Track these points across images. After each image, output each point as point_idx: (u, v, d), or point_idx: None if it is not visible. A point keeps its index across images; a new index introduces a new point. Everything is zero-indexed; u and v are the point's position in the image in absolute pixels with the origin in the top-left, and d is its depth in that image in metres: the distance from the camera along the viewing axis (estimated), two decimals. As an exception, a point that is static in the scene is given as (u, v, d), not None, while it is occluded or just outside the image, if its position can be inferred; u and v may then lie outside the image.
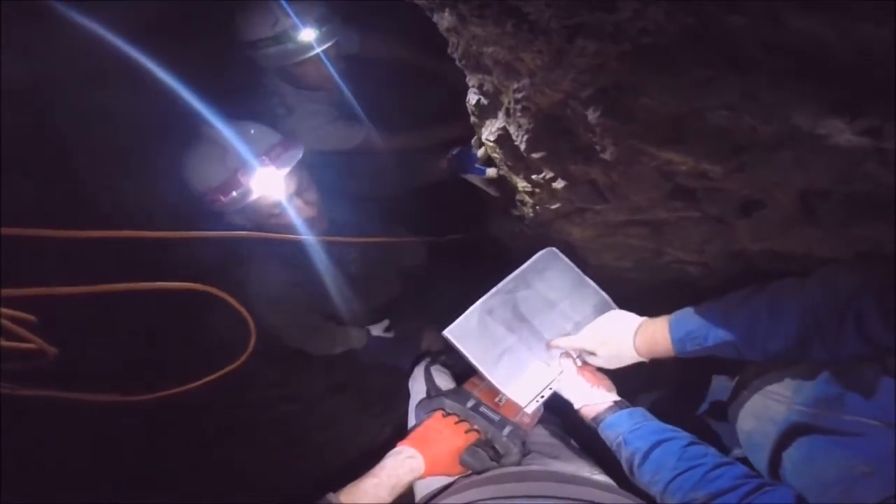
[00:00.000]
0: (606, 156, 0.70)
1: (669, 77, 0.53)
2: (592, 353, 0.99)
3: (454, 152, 1.35)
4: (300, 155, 1.40)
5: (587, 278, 1.09)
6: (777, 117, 0.52)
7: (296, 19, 1.31)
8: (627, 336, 0.92)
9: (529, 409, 1.01)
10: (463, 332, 1.03)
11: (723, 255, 0.84)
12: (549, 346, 1.05)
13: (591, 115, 0.66)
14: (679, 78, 0.53)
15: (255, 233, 1.24)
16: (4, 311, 0.73)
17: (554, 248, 1.09)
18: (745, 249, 0.79)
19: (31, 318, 0.74)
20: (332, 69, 1.42)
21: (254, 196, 1.34)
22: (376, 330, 1.71)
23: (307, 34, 1.33)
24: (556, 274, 1.10)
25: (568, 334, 1.05)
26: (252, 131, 1.34)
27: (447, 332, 1.02)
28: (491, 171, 1.21)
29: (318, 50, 1.35)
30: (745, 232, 0.74)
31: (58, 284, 0.79)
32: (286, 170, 1.37)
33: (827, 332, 0.68)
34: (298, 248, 1.39)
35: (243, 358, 1.13)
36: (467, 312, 1.05)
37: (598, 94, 0.63)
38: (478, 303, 1.06)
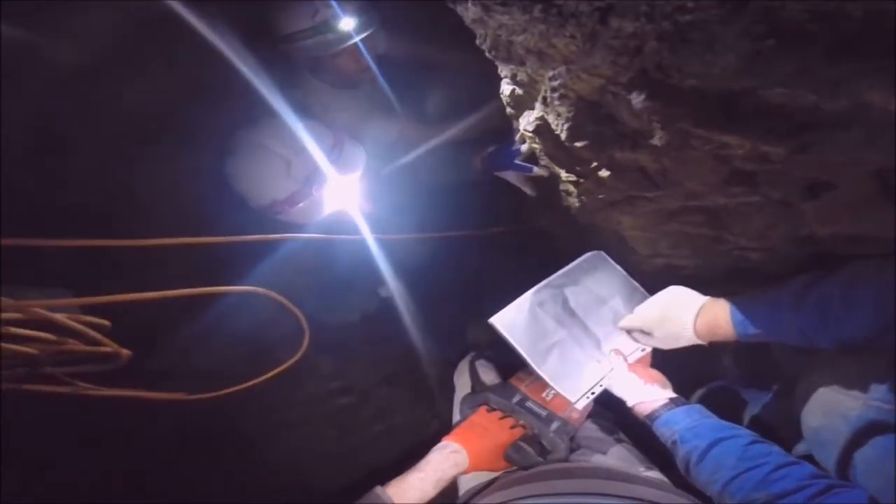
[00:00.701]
0: (655, 141, 0.66)
1: (713, 55, 0.49)
2: (648, 333, 0.95)
3: (489, 150, 1.32)
4: (363, 152, 1.37)
5: (634, 282, 1.06)
6: (842, 93, 0.46)
7: (336, 9, 1.31)
8: (689, 317, 0.87)
9: (580, 406, 0.99)
10: (511, 322, 1.01)
11: (789, 241, 0.77)
12: (618, 328, 1.02)
13: (635, 100, 0.62)
14: (724, 55, 0.49)
15: (297, 235, 1.24)
16: (83, 317, 0.80)
17: (601, 252, 1.06)
18: (815, 234, 0.72)
19: (106, 322, 0.81)
20: (369, 59, 1.41)
21: (327, 210, 1.34)
22: (384, 291, 1.72)
23: (346, 23, 1.33)
24: (604, 275, 1.07)
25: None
26: (308, 133, 1.28)
27: (494, 320, 1.00)
28: (539, 170, 1.18)
29: (357, 38, 1.34)
30: (813, 215, 0.68)
31: (124, 291, 0.86)
32: (357, 173, 1.35)
33: None
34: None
35: (298, 356, 1.18)
36: (517, 302, 1.02)
37: (640, 77, 0.59)
38: (528, 293, 1.03)
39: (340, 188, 1.38)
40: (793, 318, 0.74)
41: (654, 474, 0.93)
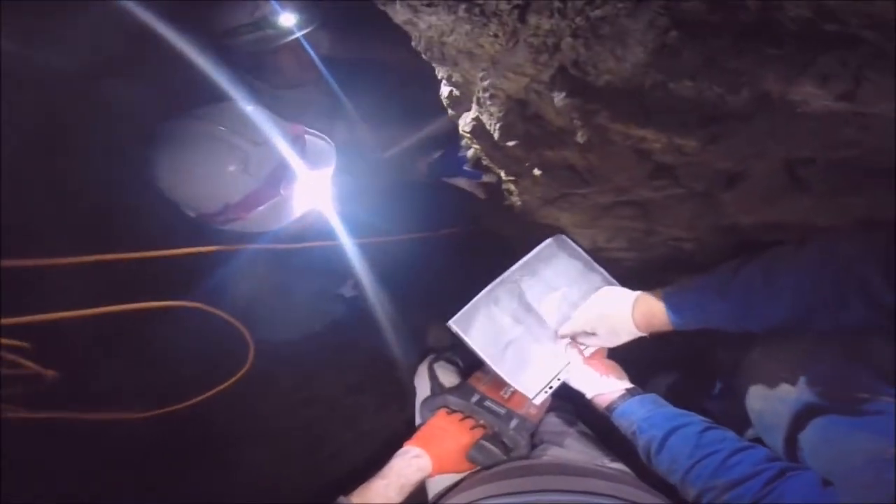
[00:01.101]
0: (579, 138, 0.67)
1: (624, 49, 0.50)
2: (592, 334, 0.97)
3: (436, 156, 1.32)
4: (332, 145, 1.21)
5: (596, 264, 1.05)
6: (745, 85, 0.48)
7: (276, 4, 1.29)
8: (625, 311, 0.90)
9: (538, 401, 1.00)
10: (468, 323, 1.01)
11: (715, 230, 0.80)
12: (557, 338, 1.03)
13: (557, 97, 0.63)
14: (634, 49, 0.50)
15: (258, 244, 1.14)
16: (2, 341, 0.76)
17: (563, 235, 1.06)
18: (738, 223, 0.75)
19: (24, 345, 0.76)
20: (312, 55, 1.38)
21: (298, 211, 1.15)
22: (347, 291, 1.66)
23: (287, 19, 1.31)
24: (563, 261, 1.07)
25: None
26: (265, 121, 1.07)
27: (452, 323, 1.01)
28: (486, 177, 1.18)
29: (299, 34, 1.32)
30: (732, 205, 0.71)
31: (54, 308, 0.82)
32: (329, 168, 1.19)
33: (830, 300, 0.65)
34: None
35: (243, 370, 1.15)
36: (472, 303, 1.03)
37: (560, 75, 0.60)
38: (482, 293, 1.04)
39: (311, 186, 1.17)
40: (720, 305, 0.76)
41: (619, 466, 0.94)
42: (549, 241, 1.07)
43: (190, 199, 1.11)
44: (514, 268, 1.06)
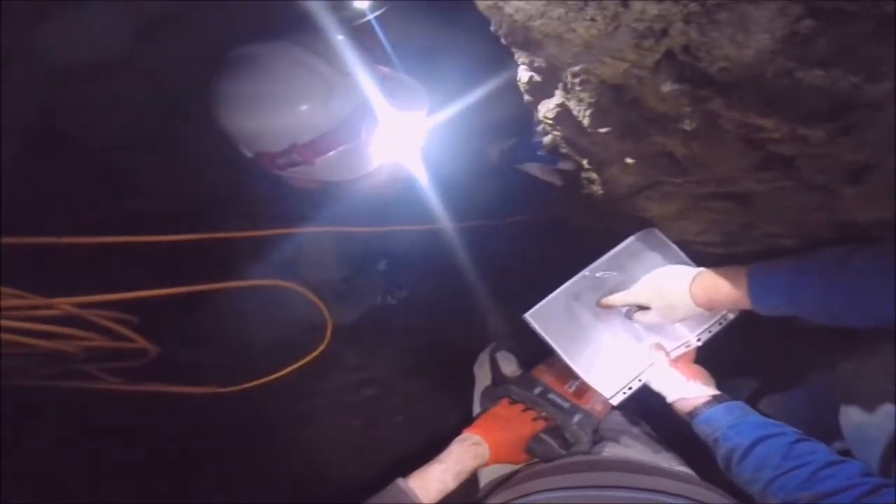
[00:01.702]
0: (684, 125, 0.63)
1: (745, 36, 0.46)
2: (646, 308, 0.94)
3: (510, 142, 1.28)
4: (424, 90, 1.05)
5: (691, 262, 0.99)
6: (885, 73, 0.43)
7: None
8: (683, 284, 0.86)
9: (615, 401, 0.96)
10: (545, 317, 0.98)
11: (824, 226, 0.74)
12: (598, 305, 0.99)
13: (662, 83, 0.59)
14: (758, 36, 0.46)
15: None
16: (109, 313, 0.82)
17: (653, 229, 1.01)
18: (854, 219, 0.69)
19: (132, 318, 0.82)
20: (382, 38, 1.32)
21: (377, 163, 0.97)
22: (381, 265, 1.61)
23: (360, 2, 1.27)
24: (654, 257, 1.01)
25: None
26: (359, 53, 0.90)
27: (529, 316, 0.98)
28: (563, 163, 1.13)
29: (372, 16, 1.28)
30: (854, 200, 0.64)
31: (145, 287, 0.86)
32: (421, 112, 1.02)
33: None
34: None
35: (322, 347, 1.19)
36: (552, 296, 1.00)
37: (667, 60, 0.57)
38: (563, 286, 1.01)
39: (396, 134, 0.98)
40: (818, 287, 0.70)
41: (684, 469, 0.92)
42: (637, 234, 1.02)
43: (252, 134, 0.94)
44: (597, 262, 1.02)
